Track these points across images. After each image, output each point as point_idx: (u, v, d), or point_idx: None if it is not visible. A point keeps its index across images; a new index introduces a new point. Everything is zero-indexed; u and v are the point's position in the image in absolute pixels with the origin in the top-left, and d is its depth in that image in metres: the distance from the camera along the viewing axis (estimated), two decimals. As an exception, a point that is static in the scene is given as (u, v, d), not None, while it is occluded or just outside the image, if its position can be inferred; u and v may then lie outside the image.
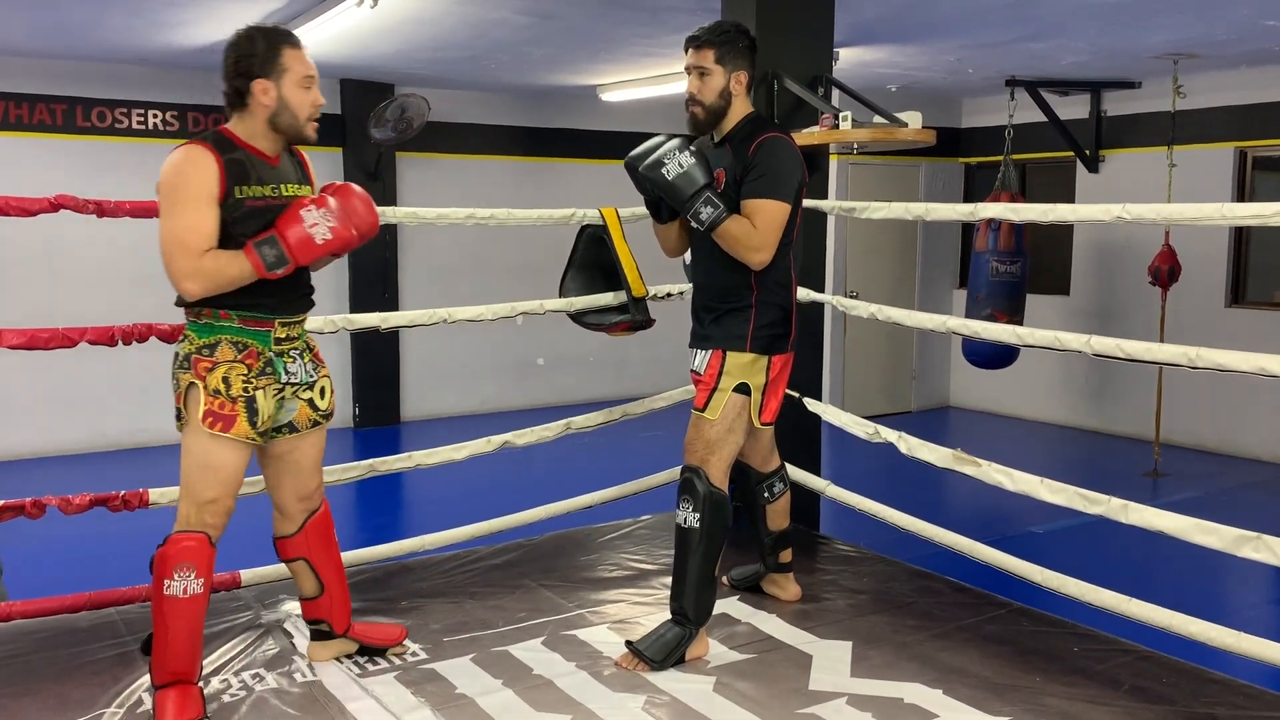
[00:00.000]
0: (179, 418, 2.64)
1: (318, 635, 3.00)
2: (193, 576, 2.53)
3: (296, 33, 5.79)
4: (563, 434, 3.95)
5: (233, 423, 2.58)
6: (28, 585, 3.82)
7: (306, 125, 2.67)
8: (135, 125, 7.77)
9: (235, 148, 2.61)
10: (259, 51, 2.60)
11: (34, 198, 3.04)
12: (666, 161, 2.91)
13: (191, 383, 2.59)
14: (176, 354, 2.67)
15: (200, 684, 2.65)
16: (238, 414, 2.59)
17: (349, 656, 3.00)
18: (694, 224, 2.94)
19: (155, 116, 7.83)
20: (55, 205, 3.04)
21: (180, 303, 2.65)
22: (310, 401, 2.79)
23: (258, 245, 2.57)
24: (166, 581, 2.53)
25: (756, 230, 2.90)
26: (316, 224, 2.61)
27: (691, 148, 2.96)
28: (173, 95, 7.86)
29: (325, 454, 2.92)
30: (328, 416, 2.86)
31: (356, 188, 2.75)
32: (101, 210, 3.10)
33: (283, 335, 2.70)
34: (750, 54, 3.04)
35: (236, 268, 2.55)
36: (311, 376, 2.80)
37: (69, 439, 7.75)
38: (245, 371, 2.62)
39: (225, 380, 2.59)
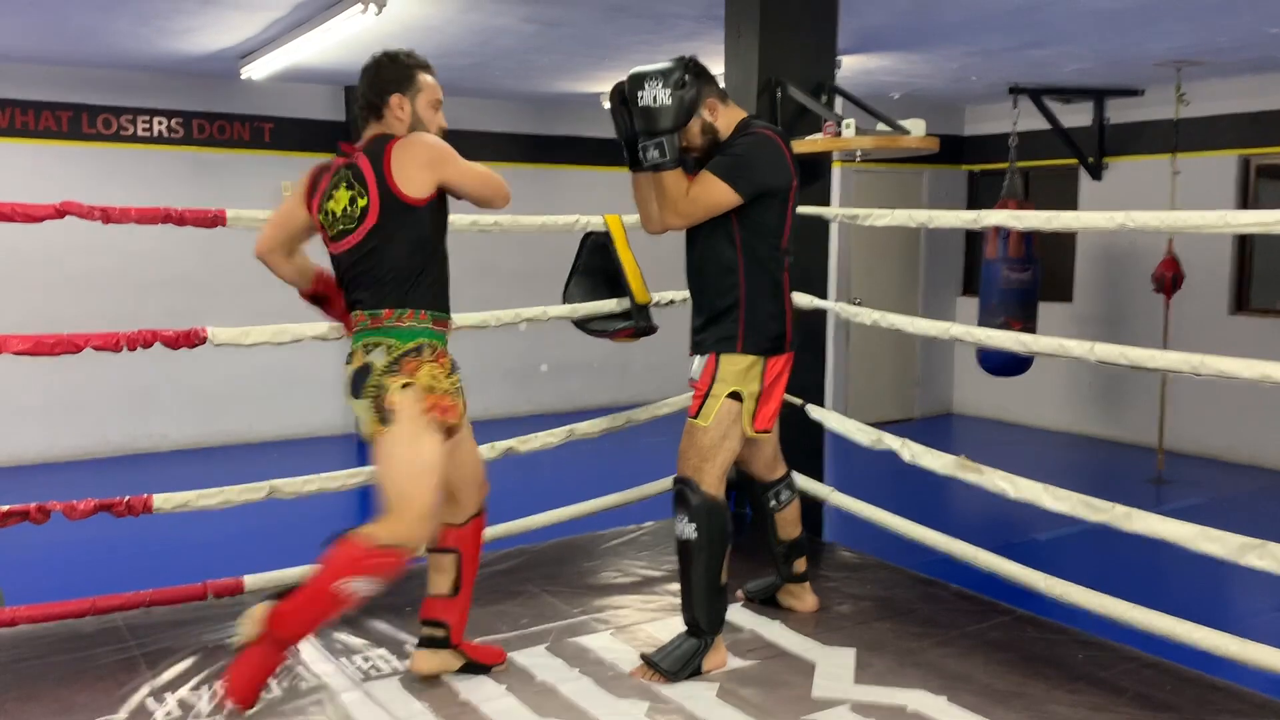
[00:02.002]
0: (384, 421, 2.59)
1: (429, 642, 2.90)
2: (374, 586, 2.54)
3: (302, 39, 5.84)
4: (566, 440, 3.96)
5: (455, 412, 2.67)
6: (32, 590, 3.82)
7: None
8: (141, 132, 7.78)
9: None
10: (397, 70, 2.72)
11: (40, 204, 3.06)
12: (647, 86, 2.78)
13: (406, 383, 2.59)
14: (372, 365, 2.61)
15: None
16: (458, 404, 2.69)
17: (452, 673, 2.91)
18: (641, 158, 2.87)
19: (161, 123, 7.85)
20: (61, 211, 3.06)
21: (387, 304, 2.63)
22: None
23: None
24: (348, 580, 2.49)
25: (687, 197, 2.86)
26: None
27: (688, 85, 2.79)
28: (178, 102, 7.88)
29: (328, 461, 2.92)
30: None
31: None
32: (107, 217, 3.12)
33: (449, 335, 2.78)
34: (701, 78, 2.90)
35: None
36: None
37: (73, 445, 7.76)
38: (446, 370, 2.68)
39: (434, 377, 2.64)
